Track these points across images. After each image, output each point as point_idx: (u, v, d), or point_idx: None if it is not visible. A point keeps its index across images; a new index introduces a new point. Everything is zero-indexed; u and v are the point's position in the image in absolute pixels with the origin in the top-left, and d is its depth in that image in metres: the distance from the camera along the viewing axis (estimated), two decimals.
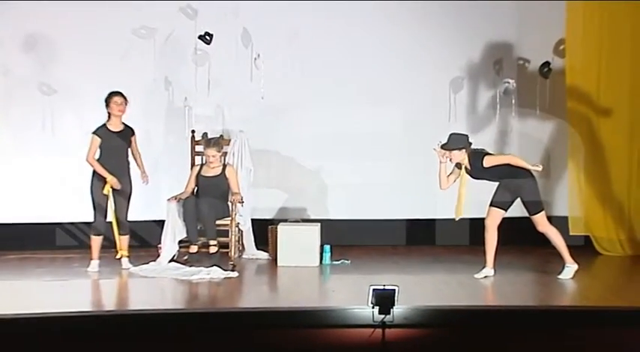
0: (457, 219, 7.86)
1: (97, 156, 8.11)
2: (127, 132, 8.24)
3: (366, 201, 9.43)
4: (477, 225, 8.11)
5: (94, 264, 8.16)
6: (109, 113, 8.17)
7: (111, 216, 8.16)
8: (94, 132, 8.11)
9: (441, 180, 7.79)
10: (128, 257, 8.32)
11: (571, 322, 6.48)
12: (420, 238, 9.49)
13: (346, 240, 9.21)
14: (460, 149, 7.69)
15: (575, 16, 9.12)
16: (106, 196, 8.09)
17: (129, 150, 8.26)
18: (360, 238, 9.41)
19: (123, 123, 8.23)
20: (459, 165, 7.78)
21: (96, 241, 8.18)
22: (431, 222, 9.43)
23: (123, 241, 8.28)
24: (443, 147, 7.70)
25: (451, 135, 7.77)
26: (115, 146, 8.14)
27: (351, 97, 9.40)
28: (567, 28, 9.16)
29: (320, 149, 9.46)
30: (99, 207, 8.12)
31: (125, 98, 8.19)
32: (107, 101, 8.16)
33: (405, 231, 9.53)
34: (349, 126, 9.39)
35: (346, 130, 9.40)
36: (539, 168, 7.70)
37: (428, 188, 8.92)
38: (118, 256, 8.28)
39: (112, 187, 8.06)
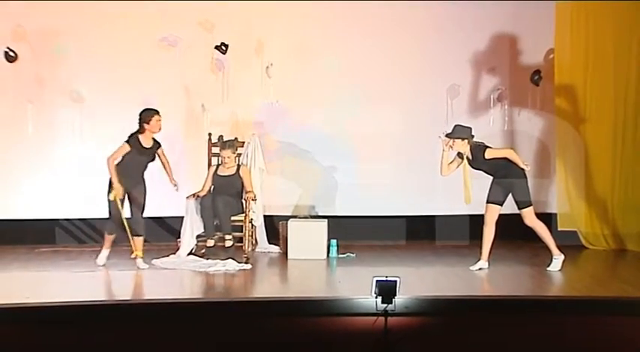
0: (468, 204, 7.75)
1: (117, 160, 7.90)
2: (155, 148, 8.03)
3: (371, 198, 9.40)
4: (477, 222, 8.05)
5: (103, 255, 8.05)
6: (144, 129, 7.90)
7: (123, 220, 7.93)
8: (127, 141, 7.87)
9: (442, 166, 7.75)
10: (142, 258, 8.05)
11: (559, 310, 6.48)
12: (421, 235, 9.41)
13: (352, 235, 9.18)
14: (463, 139, 7.69)
15: (563, 17, 9.11)
16: (114, 202, 7.83)
17: (148, 163, 8.05)
18: (365, 234, 9.38)
19: (152, 138, 8.03)
20: (460, 155, 7.77)
21: (109, 238, 8.06)
22: (432, 218, 9.35)
23: (137, 242, 8.01)
24: (448, 135, 7.70)
25: (456, 126, 7.76)
26: (139, 159, 7.93)
27: (355, 101, 9.37)
28: (556, 30, 9.14)
29: (328, 150, 9.44)
30: (113, 210, 7.95)
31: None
32: (147, 118, 7.89)
33: (408, 228, 9.47)
34: (356, 128, 9.35)
35: (353, 132, 9.37)
36: (528, 168, 7.73)
37: (430, 186, 8.94)
38: (132, 256, 8.09)
39: (118, 195, 7.83)
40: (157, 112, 7.99)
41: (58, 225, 9.31)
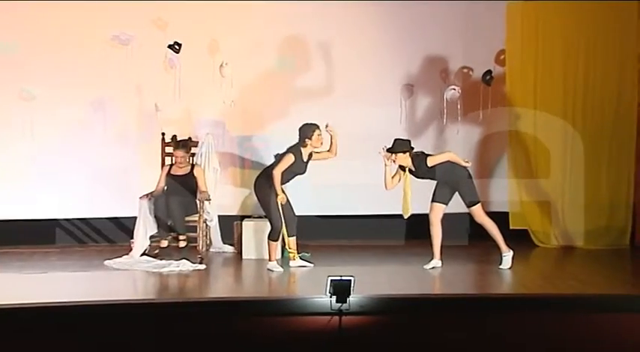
0: (406, 217, 7.92)
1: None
2: (308, 162, 8.06)
3: (326, 198, 9.38)
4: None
5: (274, 264, 7.99)
6: (306, 143, 7.93)
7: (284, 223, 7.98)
8: (291, 152, 7.91)
9: (386, 181, 7.88)
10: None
11: (510, 308, 6.55)
12: (376, 234, 9.35)
13: (306, 234, 9.14)
14: (404, 152, 7.82)
15: (514, 18, 9.20)
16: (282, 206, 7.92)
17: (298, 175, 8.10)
18: (319, 233, 9.35)
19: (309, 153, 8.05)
20: (402, 167, 7.89)
21: (275, 245, 8.01)
22: (387, 217, 9.32)
23: (293, 242, 8.14)
24: (388, 150, 7.81)
25: (396, 140, 7.90)
26: (297, 169, 7.99)
27: (314, 100, 9.35)
28: (507, 32, 9.23)
29: (282, 149, 9.43)
30: (278, 216, 7.98)
31: None
32: (309, 133, 7.90)
33: (365, 226, 9.45)
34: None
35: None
36: (469, 164, 7.86)
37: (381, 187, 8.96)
38: (291, 256, 8.13)
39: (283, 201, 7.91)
40: (318, 127, 7.94)
41: (10, 226, 9.15)
